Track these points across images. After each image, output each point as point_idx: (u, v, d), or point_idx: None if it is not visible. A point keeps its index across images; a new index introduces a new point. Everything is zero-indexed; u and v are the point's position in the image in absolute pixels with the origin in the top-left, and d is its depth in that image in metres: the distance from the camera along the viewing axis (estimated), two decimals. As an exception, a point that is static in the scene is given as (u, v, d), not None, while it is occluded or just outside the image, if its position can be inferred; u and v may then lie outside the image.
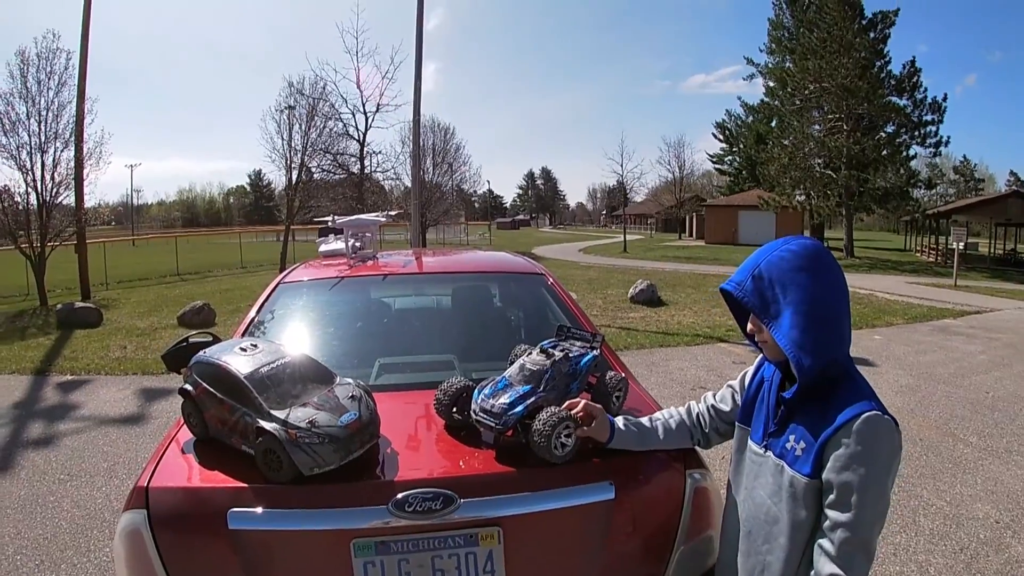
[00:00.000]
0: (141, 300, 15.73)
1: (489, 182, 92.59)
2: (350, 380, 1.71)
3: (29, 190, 15.96)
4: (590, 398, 1.82)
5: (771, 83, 46.10)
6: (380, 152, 29.63)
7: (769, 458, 1.46)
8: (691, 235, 52.08)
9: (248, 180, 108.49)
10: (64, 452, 5.24)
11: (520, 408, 1.65)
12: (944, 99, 29.29)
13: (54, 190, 16.29)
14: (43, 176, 16.03)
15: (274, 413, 1.50)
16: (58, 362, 8.66)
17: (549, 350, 1.83)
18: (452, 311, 2.92)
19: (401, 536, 1.51)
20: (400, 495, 1.49)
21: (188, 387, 1.69)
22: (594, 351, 1.93)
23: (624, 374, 2.04)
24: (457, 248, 7.03)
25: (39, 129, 16.00)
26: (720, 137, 55.77)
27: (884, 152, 28.98)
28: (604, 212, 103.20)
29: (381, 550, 1.51)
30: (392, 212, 3.58)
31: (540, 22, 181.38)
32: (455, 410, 1.78)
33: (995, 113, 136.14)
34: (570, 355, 1.83)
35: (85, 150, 16.71)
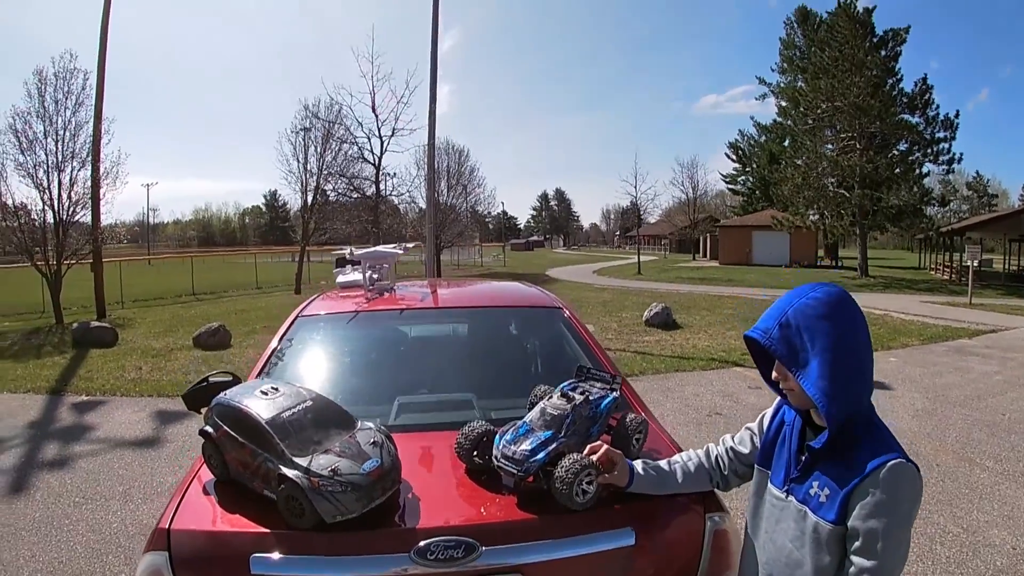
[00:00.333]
0: (157, 320, 15.80)
1: (503, 203, 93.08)
2: (371, 424, 1.71)
3: (45, 208, 16.14)
4: (610, 441, 1.81)
5: (783, 103, 46.48)
6: (395, 175, 29.79)
7: (791, 503, 1.45)
8: (705, 256, 51.87)
9: (264, 200, 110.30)
10: (79, 474, 5.25)
11: (542, 455, 1.64)
12: (956, 116, 29.15)
13: (71, 208, 16.46)
14: (60, 195, 16.21)
15: (296, 460, 1.50)
16: (73, 382, 8.70)
17: (569, 393, 1.83)
18: (469, 346, 2.92)
19: None
20: (422, 543, 1.49)
21: (209, 429, 1.69)
22: (614, 393, 1.92)
23: (643, 414, 2.03)
24: (473, 279, 7.08)
25: (56, 148, 16.21)
26: (733, 157, 56.07)
27: (897, 170, 28.79)
28: (618, 233, 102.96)
29: None
30: (409, 245, 3.59)
31: (552, 45, 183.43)
32: (476, 454, 1.78)
33: (1007, 128, 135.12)
34: (590, 398, 1.83)
35: (102, 170, 16.90)
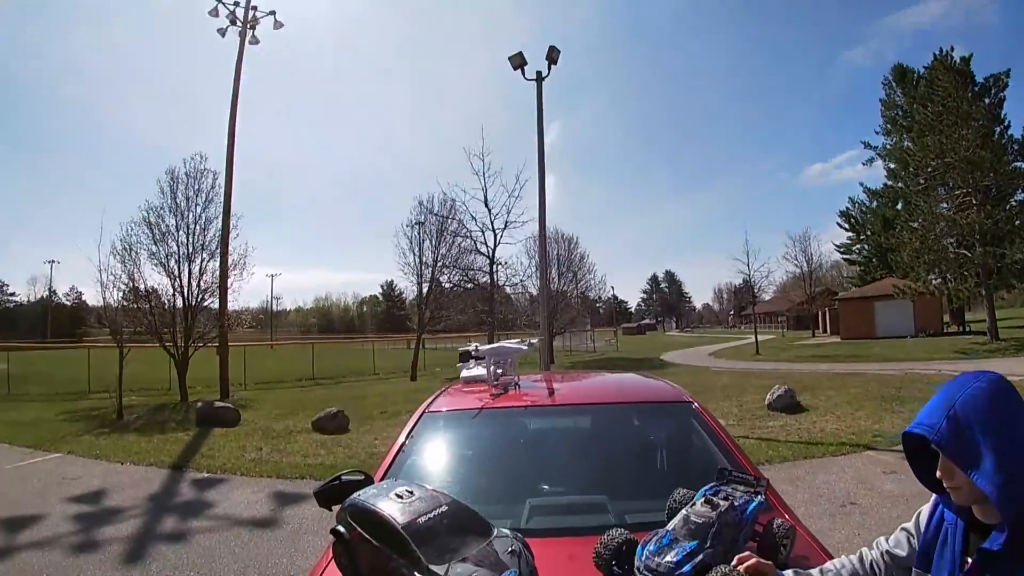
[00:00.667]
0: (277, 402, 16.52)
1: (613, 287, 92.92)
2: (507, 532, 1.63)
3: (176, 294, 17.63)
4: (756, 548, 1.69)
5: (892, 165, 44.85)
6: (508, 265, 30.64)
7: None
8: (825, 331, 49.73)
9: (381, 290, 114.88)
10: (195, 549, 5.40)
11: (687, 568, 1.54)
12: (1074, 156, 27.23)
13: (199, 295, 17.97)
14: (189, 282, 17.72)
15: (433, 569, 1.43)
16: (195, 458, 9.14)
17: (713, 499, 1.72)
18: (598, 444, 2.84)
19: None
20: None
21: (341, 529, 1.65)
22: (759, 497, 1.80)
23: (789, 519, 1.91)
24: (593, 372, 7.05)
25: (187, 240, 17.90)
26: (846, 226, 54.19)
27: (1018, 222, 27.03)
28: (732, 312, 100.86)
29: None
30: (534, 340, 3.59)
31: (650, 128, 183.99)
32: (615, 564, 1.67)
33: None
34: (735, 504, 1.72)
35: (230, 261, 18.45)
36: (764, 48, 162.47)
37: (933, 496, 1.51)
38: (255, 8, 20.29)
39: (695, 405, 2.85)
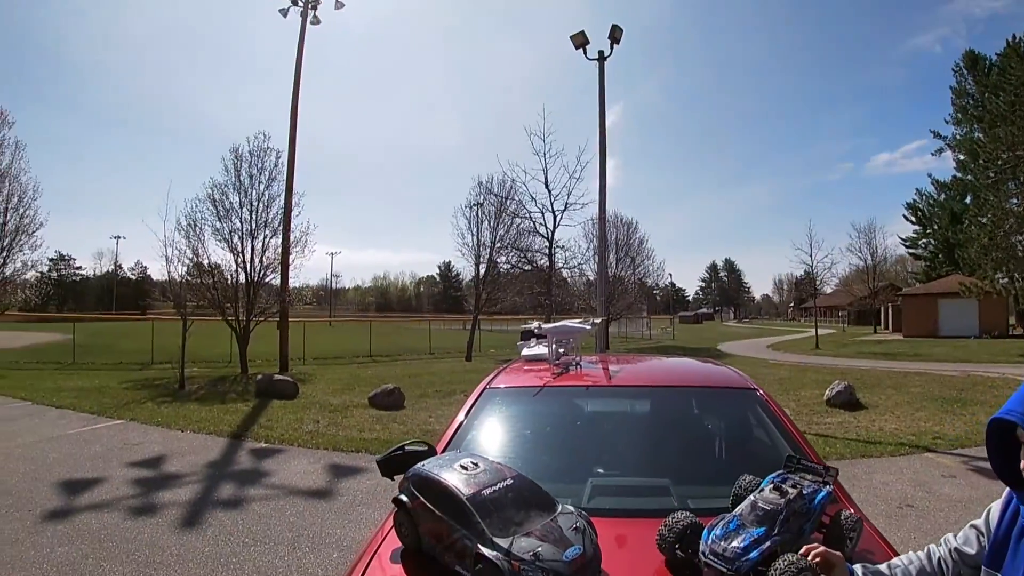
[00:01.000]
0: (335, 377, 16.90)
1: (671, 275, 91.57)
2: (571, 508, 1.62)
3: (238, 270, 18.10)
4: (822, 539, 1.65)
5: (961, 156, 42.85)
6: (567, 248, 30.42)
7: None
8: (887, 328, 48.05)
9: (438, 271, 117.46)
10: (251, 516, 5.55)
11: (754, 553, 1.50)
12: None
13: (261, 272, 18.39)
14: (252, 259, 18.16)
15: (496, 541, 1.43)
16: (253, 429, 9.42)
17: (782, 486, 1.67)
18: (660, 428, 2.80)
19: None
20: None
21: (404, 498, 1.67)
22: (828, 487, 1.75)
23: (855, 511, 1.86)
24: (653, 355, 6.88)
25: (250, 217, 18.30)
26: (912, 219, 52.40)
27: (1091, 221, 25.36)
28: (792, 304, 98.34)
29: None
30: (596, 320, 3.57)
31: (714, 112, 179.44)
32: (678, 547, 1.64)
33: None
34: (804, 492, 1.67)
35: (292, 238, 18.95)
36: (830, 33, 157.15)
37: (1005, 492, 1.44)
38: (317, -12, 20.49)
39: (760, 393, 2.79)
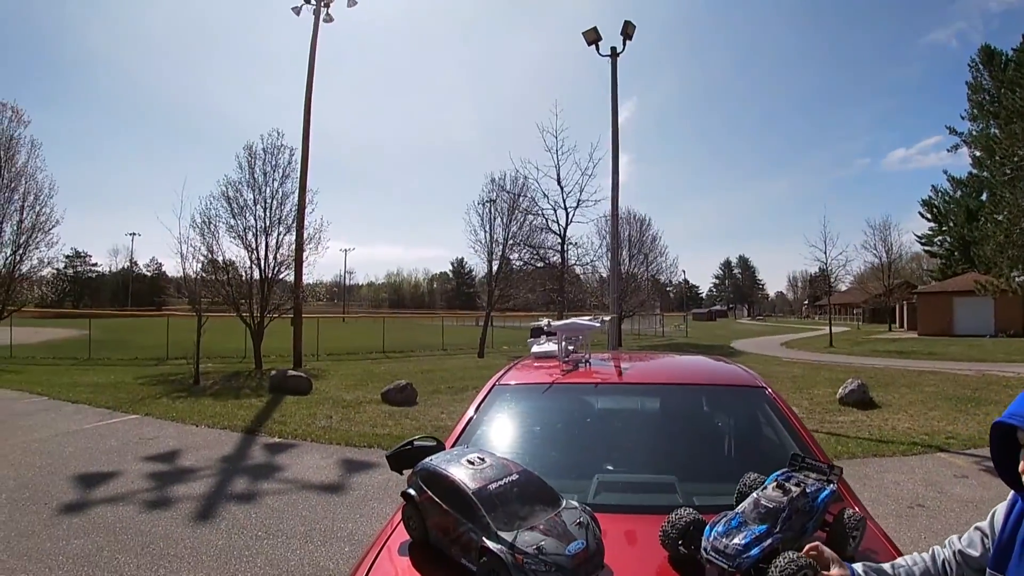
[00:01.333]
0: (348, 373, 17.02)
1: (684, 272, 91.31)
2: (575, 503, 1.65)
3: (253, 267, 18.24)
4: (825, 538, 1.66)
5: (977, 152, 42.32)
6: (580, 245, 30.40)
7: None
8: (902, 326, 47.69)
9: (451, 267, 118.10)
10: (264, 510, 5.62)
11: (755, 551, 1.52)
12: None
13: (275, 268, 18.53)
14: (266, 255, 18.30)
15: (501, 534, 1.47)
16: (267, 424, 9.51)
17: (785, 484, 1.68)
18: (668, 424, 2.82)
19: None
20: None
21: (412, 492, 1.71)
22: (831, 485, 1.76)
23: (860, 510, 1.86)
24: (663, 352, 6.87)
25: (264, 214, 18.44)
26: (928, 216, 51.78)
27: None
28: (806, 302, 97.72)
29: None
30: (606, 318, 3.59)
31: (728, 109, 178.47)
32: (681, 543, 1.66)
33: None
34: (807, 490, 1.68)
35: (305, 235, 19.02)
36: (847, 28, 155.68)
37: (1010, 495, 1.44)
38: (329, -14, 20.55)
39: (768, 391, 2.80)
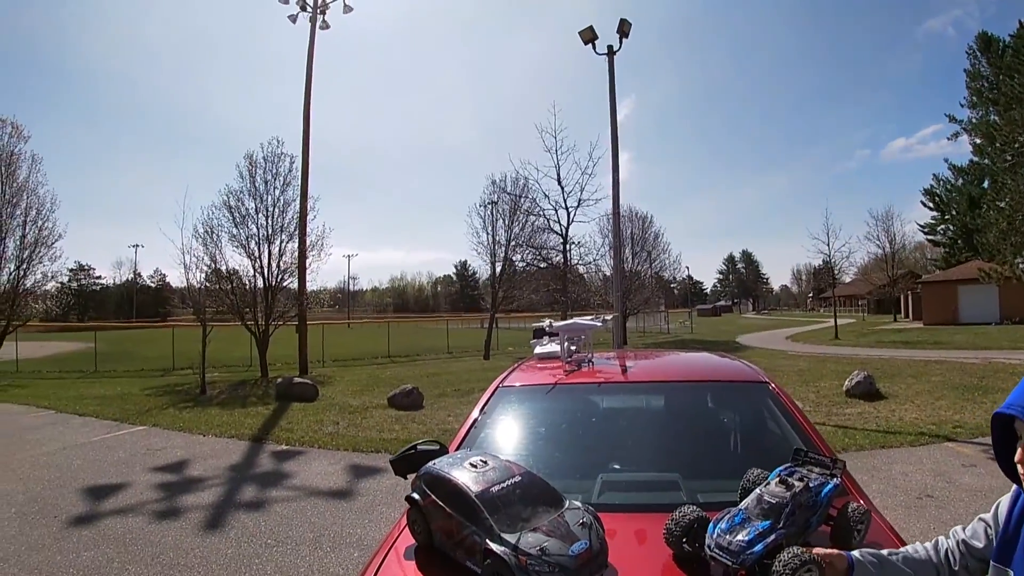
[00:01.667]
0: (354, 379, 17.06)
1: (688, 268, 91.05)
2: (579, 504, 1.66)
3: (256, 275, 18.32)
4: (829, 532, 1.67)
5: (978, 140, 42.24)
6: (582, 244, 30.40)
7: None
8: (906, 316, 47.49)
9: (455, 270, 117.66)
10: (273, 518, 5.64)
11: (759, 547, 1.51)
12: None
13: (279, 276, 18.62)
14: (269, 263, 18.39)
15: (504, 536, 1.47)
16: (274, 431, 9.53)
17: (788, 480, 1.68)
18: (671, 422, 2.82)
19: None
20: None
21: (416, 496, 1.72)
22: (835, 479, 1.75)
23: (864, 503, 1.86)
24: (667, 350, 6.93)
25: (266, 223, 18.54)
26: (930, 205, 51.70)
27: (1112, 204, 24.79)
28: (811, 295, 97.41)
29: None
30: (608, 317, 3.59)
31: (727, 104, 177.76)
32: (685, 541, 1.66)
33: None
34: (810, 485, 1.67)
35: (308, 242, 19.08)
36: (843, 22, 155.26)
37: (1015, 486, 1.43)
38: (325, -6, 20.62)
39: (772, 386, 2.80)
